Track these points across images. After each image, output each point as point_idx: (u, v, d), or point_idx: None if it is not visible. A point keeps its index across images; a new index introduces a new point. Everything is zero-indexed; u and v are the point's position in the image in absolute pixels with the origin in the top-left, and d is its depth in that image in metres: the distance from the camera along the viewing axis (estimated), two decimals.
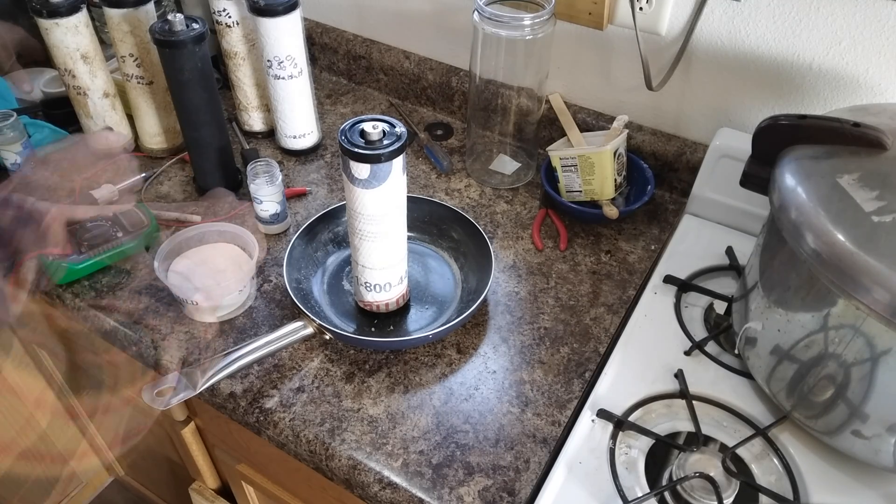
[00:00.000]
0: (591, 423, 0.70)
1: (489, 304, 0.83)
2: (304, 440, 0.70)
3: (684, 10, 0.86)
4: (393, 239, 0.72)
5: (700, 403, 0.71)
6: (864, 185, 0.57)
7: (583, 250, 0.90)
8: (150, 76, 0.98)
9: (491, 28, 0.86)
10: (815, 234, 0.56)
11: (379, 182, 0.66)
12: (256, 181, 0.87)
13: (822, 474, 0.66)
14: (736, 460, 0.67)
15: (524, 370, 0.76)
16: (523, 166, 1.01)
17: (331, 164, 1.04)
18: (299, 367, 0.76)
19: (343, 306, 0.82)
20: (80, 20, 0.91)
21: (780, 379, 0.67)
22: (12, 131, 0.95)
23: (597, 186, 0.91)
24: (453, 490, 0.66)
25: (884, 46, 0.77)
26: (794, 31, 0.81)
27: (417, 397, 0.73)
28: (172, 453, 1.17)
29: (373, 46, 1.15)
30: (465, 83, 1.09)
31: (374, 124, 0.65)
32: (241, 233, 0.83)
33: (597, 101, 1.01)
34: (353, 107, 1.16)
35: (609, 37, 0.93)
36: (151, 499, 1.56)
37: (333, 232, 0.87)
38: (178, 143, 1.05)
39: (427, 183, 1.01)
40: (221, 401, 0.74)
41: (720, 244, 0.88)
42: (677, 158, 0.95)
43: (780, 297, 0.64)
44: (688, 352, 0.76)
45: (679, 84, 0.92)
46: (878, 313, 0.53)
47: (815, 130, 0.63)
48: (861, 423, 0.61)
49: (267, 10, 0.90)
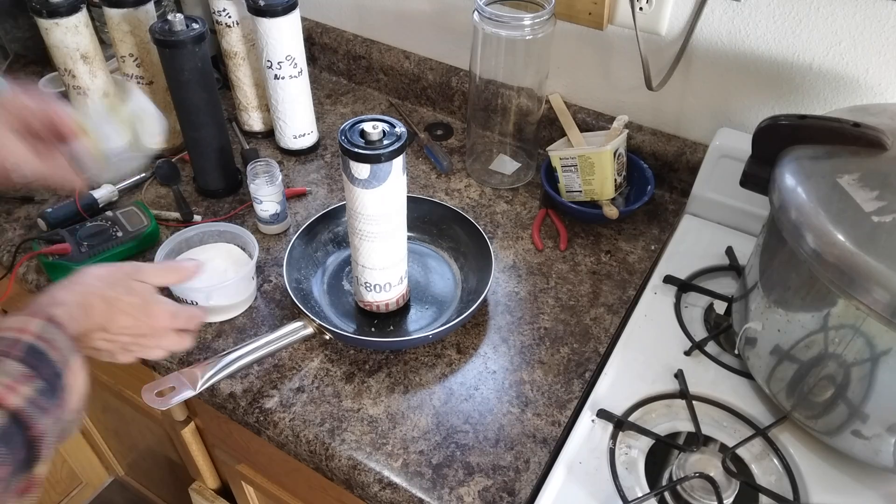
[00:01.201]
0: (591, 423, 0.70)
1: (489, 304, 0.83)
2: (304, 440, 0.70)
3: (684, 10, 0.86)
4: (393, 239, 0.72)
5: (700, 403, 0.71)
6: (864, 185, 0.57)
7: (583, 250, 0.90)
8: (150, 76, 0.98)
9: (491, 28, 0.86)
10: (815, 234, 0.56)
11: (379, 182, 0.66)
12: (256, 181, 0.87)
13: (822, 474, 0.66)
14: (736, 460, 0.67)
15: (524, 370, 0.76)
16: (523, 166, 1.01)
17: (331, 164, 1.04)
18: (299, 367, 0.76)
19: (343, 306, 0.82)
20: (80, 20, 0.91)
21: (780, 379, 0.67)
22: None
23: (597, 186, 0.91)
24: (453, 490, 0.66)
25: (884, 46, 0.77)
26: (794, 31, 0.81)
27: (417, 397, 0.73)
28: (172, 453, 1.17)
29: (373, 46, 1.15)
30: (465, 83, 1.09)
31: (374, 124, 0.65)
32: (240, 233, 0.83)
33: (597, 101, 1.01)
34: (353, 107, 1.16)
35: (609, 37, 0.93)
36: (151, 499, 1.56)
37: (333, 232, 0.87)
38: (178, 143, 1.05)
39: (427, 183, 1.01)
40: (221, 401, 0.74)
41: (720, 244, 0.88)
42: (677, 158, 0.95)
43: (780, 297, 0.64)
44: (688, 352, 0.76)
45: (679, 84, 0.92)
46: (878, 313, 0.53)
47: (815, 130, 0.63)
48: (861, 423, 0.61)
49: (267, 10, 0.90)
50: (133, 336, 0.63)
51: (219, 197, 0.97)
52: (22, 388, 0.48)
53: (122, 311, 0.61)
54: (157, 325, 0.64)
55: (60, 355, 0.52)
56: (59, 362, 0.52)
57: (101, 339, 0.61)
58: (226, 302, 0.79)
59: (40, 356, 0.51)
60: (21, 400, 0.47)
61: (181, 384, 0.67)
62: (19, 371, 0.48)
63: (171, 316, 0.65)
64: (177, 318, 0.66)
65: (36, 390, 0.49)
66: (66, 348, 0.53)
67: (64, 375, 0.52)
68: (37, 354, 0.51)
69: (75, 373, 0.54)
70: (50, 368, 0.51)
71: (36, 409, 0.48)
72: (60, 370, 0.52)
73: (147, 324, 0.63)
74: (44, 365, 0.50)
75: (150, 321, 0.63)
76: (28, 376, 0.49)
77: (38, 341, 0.51)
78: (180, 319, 0.66)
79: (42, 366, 0.50)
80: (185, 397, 0.66)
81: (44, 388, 0.49)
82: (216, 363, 0.69)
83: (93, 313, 0.59)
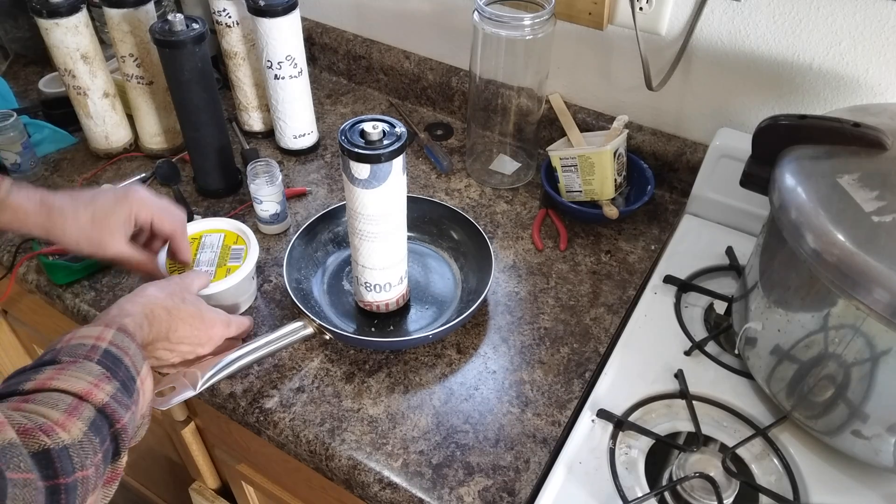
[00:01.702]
0: (591, 423, 0.70)
1: (489, 304, 0.83)
2: (304, 440, 0.70)
3: (684, 10, 0.86)
4: (393, 239, 0.72)
5: (700, 403, 0.71)
6: (864, 185, 0.57)
7: (583, 250, 0.90)
8: (150, 76, 0.98)
9: (491, 28, 0.86)
10: (815, 234, 0.56)
11: (379, 182, 0.66)
12: (256, 181, 0.87)
13: (822, 474, 0.66)
14: (736, 460, 0.67)
15: (524, 370, 0.76)
16: (523, 166, 1.01)
17: (331, 164, 1.04)
18: (299, 368, 0.76)
19: (343, 306, 0.82)
20: (80, 20, 0.91)
21: (780, 379, 0.67)
22: (12, 131, 0.95)
23: (597, 186, 0.91)
24: (453, 490, 0.66)
25: (884, 46, 0.77)
26: (794, 31, 0.81)
27: (417, 397, 0.73)
28: (172, 453, 1.17)
29: (373, 46, 1.15)
30: (465, 83, 1.09)
31: (374, 124, 0.65)
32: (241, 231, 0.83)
33: (597, 101, 1.01)
34: (353, 107, 1.16)
35: (609, 37, 0.93)
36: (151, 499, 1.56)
37: (333, 232, 0.87)
38: (178, 143, 1.05)
39: (427, 183, 1.01)
40: (221, 401, 0.74)
41: (720, 244, 0.88)
42: (677, 158, 0.95)
43: (780, 297, 0.64)
44: (688, 352, 0.76)
45: (679, 84, 0.92)
46: (878, 313, 0.53)
47: (815, 130, 0.63)
48: (861, 423, 0.61)
49: (267, 10, 0.90)
50: (192, 345, 0.67)
51: (219, 197, 0.97)
52: (105, 386, 0.52)
53: (181, 321, 0.65)
54: (213, 333, 0.69)
55: (132, 361, 0.57)
56: (132, 367, 0.56)
57: (162, 348, 0.65)
58: (226, 303, 0.79)
59: (116, 361, 0.55)
60: (105, 395, 0.51)
61: (181, 384, 0.67)
62: (100, 372, 0.53)
63: (224, 325, 0.70)
64: (229, 326, 0.71)
65: (116, 389, 0.53)
66: (137, 355, 0.58)
67: (137, 379, 0.57)
68: (113, 359, 0.55)
69: (144, 379, 0.58)
70: (125, 372, 0.55)
71: (117, 404, 0.52)
72: (133, 374, 0.56)
73: (205, 333, 0.68)
74: (119, 369, 0.55)
75: (207, 331, 0.68)
76: (108, 377, 0.53)
77: (114, 347, 0.56)
78: (232, 328, 0.71)
79: (118, 369, 0.55)
80: (185, 397, 0.66)
81: (121, 388, 0.54)
82: (216, 363, 0.69)
83: (157, 323, 0.63)
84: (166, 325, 0.64)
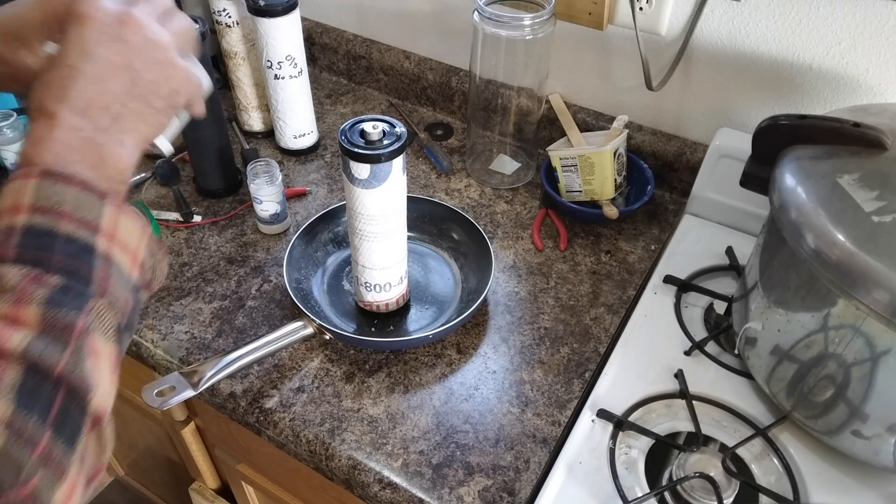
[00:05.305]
0: (591, 423, 0.70)
1: (489, 304, 0.83)
2: (304, 440, 0.70)
3: (684, 10, 0.86)
4: (393, 239, 0.72)
5: (700, 403, 0.71)
6: (864, 185, 0.57)
7: (583, 250, 0.90)
8: None
9: (491, 28, 0.86)
10: (815, 234, 0.56)
11: (379, 182, 0.66)
12: (256, 181, 0.87)
13: (822, 474, 0.66)
14: (736, 460, 0.67)
15: (524, 370, 0.76)
16: (523, 166, 1.01)
17: (331, 164, 1.04)
18: (299, 367, 0.76)
19: (343, 306, 0.82)
20: None
21: (780, 379, 0.67)
22: (12, 131, 0.95)
23: (597, 186, 0.91)
24: (453, 490, 0.66)
25: (884, 46, 0.77)
26: (794, 31, 0.81)
27: (417, 397, 0.73)
28: (172, 453, 1.17)
29: (373, 46, 1.15)
30: (465, 83, 1.09)
31: (374, 124, 0.65)
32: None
33: (597, 101, 1.01)
34: (353, 107, 1.16)
35: (609, 37, 0.93)
36: (151, 499, 1.56)
37: (333, 232, 0.87)
38: (177, 143, 1.05)
39: (427, 183, 1.01)
40: (221, 401, 0.74)
41: (720, 244, 0.88)
42: (677, 158, 0.95)
43: (780, 297, 0.64)
44: (688, 352, 0.76)
45: (679, 84, 0.92)
46: (878, 313, 0.53)
47: (815, 130, 0.63)
48: (861, 423, 0.61)
49: (267, 10, 0.90)
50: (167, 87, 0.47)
51: (219, 197, 0.97)
52: (27, 312, 0.33)
53: (145, 67, 0.44)
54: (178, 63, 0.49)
55: (75, 220, 0.36)
56: (77, 232, 0.37)
57: (133, 114, 0.43)
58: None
59: (44, 238, 0.35)
60: (28, 334, 0.33)
61: (181, 384, 0.67)
62: (19, 277, 0.34)
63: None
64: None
65: (48, 301, 0.34)
66: (83, 203, 0.37)
67: (95, 242, 0.37)
68: (38, 238, 0.35)
69: (111, 231, 0.38)
70: (64, 247, 0.36)
71: (56, 333, 0.34)
72: (85, 238, 0.37)
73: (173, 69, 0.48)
74: (53, 249, 0.35)
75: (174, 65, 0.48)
76: (34, 278, 0.34)
77: (38, 216, 0.36)
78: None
79: (49, 253, 0.35)
80: (185, 397, 0.66)
81: (64, 287, 0.35)
82: (216, 363, 0.69)
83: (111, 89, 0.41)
84: (123, 88, 0.42)
